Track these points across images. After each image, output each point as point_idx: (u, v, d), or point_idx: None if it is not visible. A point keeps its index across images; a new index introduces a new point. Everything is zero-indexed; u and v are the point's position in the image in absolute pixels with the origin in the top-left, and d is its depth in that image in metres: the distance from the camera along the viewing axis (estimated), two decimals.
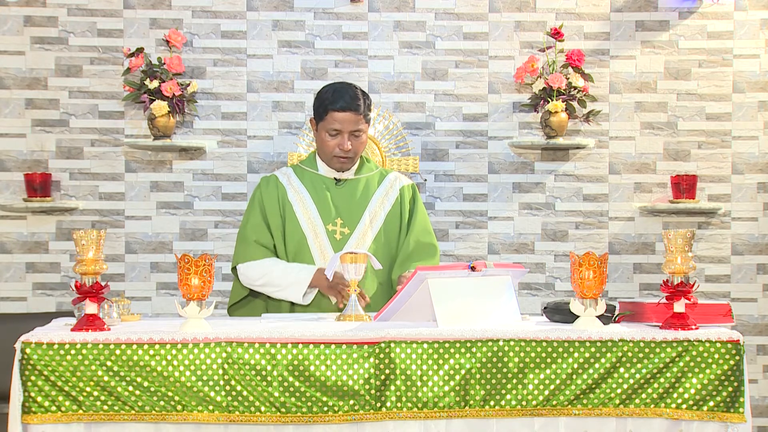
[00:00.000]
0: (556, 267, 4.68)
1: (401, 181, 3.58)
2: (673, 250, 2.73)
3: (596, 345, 2.63)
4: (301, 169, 3.54)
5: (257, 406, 2.57)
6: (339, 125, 3.35)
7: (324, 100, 3.39)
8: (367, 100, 3.42)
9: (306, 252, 3.40)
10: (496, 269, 2.89)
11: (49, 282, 4.60)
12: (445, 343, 2.62)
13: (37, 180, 4.48)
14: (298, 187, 3.48)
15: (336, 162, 3.43)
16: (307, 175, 3.51)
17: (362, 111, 3.37)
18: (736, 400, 2.61)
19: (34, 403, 2.54)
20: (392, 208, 3.50)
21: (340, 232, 3.41)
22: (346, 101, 3.34)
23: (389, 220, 3.48)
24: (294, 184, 3.49)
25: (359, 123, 3.37)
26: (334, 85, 3.45)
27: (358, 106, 3.36)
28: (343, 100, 3.35)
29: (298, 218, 3.42)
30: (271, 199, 3.46)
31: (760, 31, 4.67)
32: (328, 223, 3.41)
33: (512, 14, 4.67)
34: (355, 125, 3.37)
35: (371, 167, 3.58)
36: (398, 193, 3.53)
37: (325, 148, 3.42)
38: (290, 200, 3.45)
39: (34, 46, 4.59)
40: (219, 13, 4.64)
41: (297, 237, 3.42)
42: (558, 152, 4.69)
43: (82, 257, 2.67)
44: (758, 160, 4.68)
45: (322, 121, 3.40)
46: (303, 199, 3.45)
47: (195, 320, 2.65)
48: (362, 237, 3.43)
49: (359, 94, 3.39)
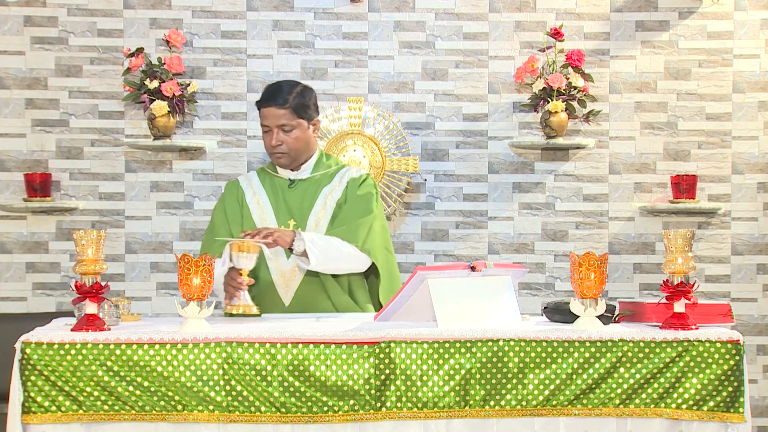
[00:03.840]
0: (556, 267, 4.68)
1: (351, 174, 3.43)
2: (673, 250, 2.73)
3: (596, 345, 2.63)
4: (263, 172, 3.48)
5: (257, 406, 2.57)
6: (266, 121, 3.29)
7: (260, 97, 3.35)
8: (301, 97, 3.30)
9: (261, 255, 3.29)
10: (496, 269, 2.89)
11: (49, 282, 4.60)
12: (445, 343, 2.62)
13: (37, 180, 4.48)
14: (257, 190, 3.43)
15: (274, 159, 3.36)
16: (268, 178, 3.45)
17: (288, 105, 3.26)
18: (736, 400, 2.61)
19: (34, 403, 2.54)
20: (338, 200, 3.37)
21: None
22: (270, 96, 3.28)
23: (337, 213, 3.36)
24: (254, 188, 3.43)
25: (285, 117, 3.27)
26: (273, 82, 3.39)
27: (284, 101, 3.26)
28: (268, 95, 3.28)
29: (254, 220, 3.37)
30: (231, 203, 3.42)
31: (760, 31, 4.67)
32: (281, 224, 3.35)
33: (512, 14, 4.68)
34: (281, 120, 3.27)
35: (329, 164, 3.47)
36: (345, 186, 3.40)
37: (265, 146, 3.37)
38: (248, 203, 3.40)
39: (34, 46, 4.59)
40: (219, 13, 4.64)
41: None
42: (558, 152, 4.69)
43: (82, 257, 2.67)
44: (758, 160, 4.68)
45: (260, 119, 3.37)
46: (260, 201, 3.40)
47: (195, 320, 2.65)
48: None
49: (291, 90, 3.29)
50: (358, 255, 3.27)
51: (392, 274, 3.42)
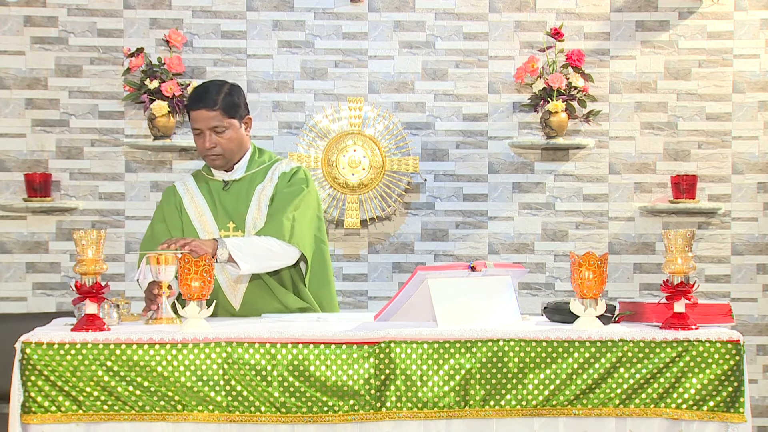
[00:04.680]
0: (556, 267, 4.68)
1: (281, 168, 3.35)
2: (673, 250, 2.73)
3: (596, 345, 2.63)
4: (199, 175, 3.41)
5: (257, 406, 2.57)
6: (197, 124, 3.21)
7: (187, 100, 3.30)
8: (230, 96, 3.23)
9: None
10: (496, 269, 2.89)
11: (49, 282, 4.60)
12: (445, 343, 2.62)
13: (37, 180, 4.48)
14: (194, 194, 3.35)
15: (208, 161, 3.29)
16: (204, 181, 3.37)
17: (217, 106, 3.19)
18: (736, 400, 2.61)
19: (34, 403, 2.54)
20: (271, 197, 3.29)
21: (232, 236, 3.25)
22: (198, 98, 3.20)
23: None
24: (191, 192, 3.36)
25: (216, 119, 3.19)
26: (200, 84, 3.32)
27: (213, 102, 3.19)
28: (197, 98, 3.21)
29: (194, 225, 3.30)
30: (170, 210, 3.35)
31: (760, 31, 4.67)
32: (222, 228, 3.28)
33: (512, 14, 4.68)
34: (213, 122, 3.19)
35: (262, 161, 3.39)
36: (277, 181, 3.32)
37: (198, 150, 3.31)
38: (185, 207, 3.33)
39: (34, 46, 4.59)
40: (219, 13, 4.64)
41: None
42: (558, 152, 4.69)
43: (82, 257, 2.67)
44: (758, 160, 4.68)
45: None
46: (198, 206, 3.32)
47: (195, 320, 2.65)
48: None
49: (219, 90, 3.23)
50: (286, 250, 3.17)
51: (323, 263, 3.35)
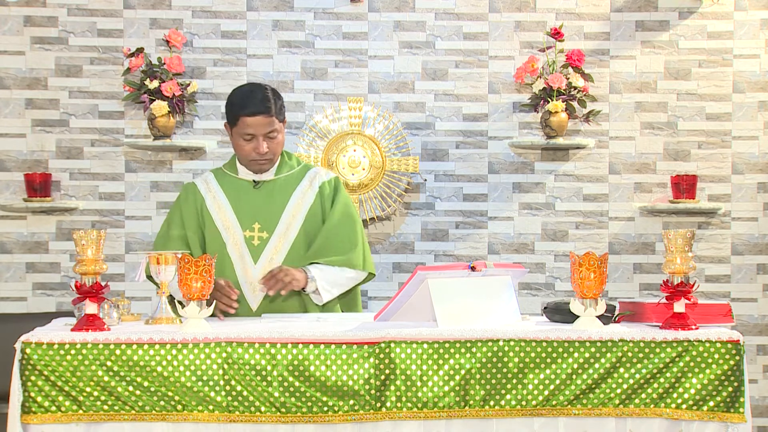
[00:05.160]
0: (556, 267, 4.68)
1: (321, 177, 3.40)
2: (673, 250, 2.73)
3: (596, 345, 2.63)
4: (221, 174, 3.41)
5: (257, 406, 2.57)
6: (252, 129, 3.22)
7: (234, 105, 3.25)
8: (278, 100, 3.28)
9: (226, 260, 3.28)
10: (496, 269, 2.89)
11: (49, 282, 4.60)
12: (445, 343, 2.62)
13: (37, 180, 4.48)
14: (216, 193, 3.36)
15: (254, 165, 3.30)
16: (227, 180, 3.38)
17: (273, 112, 3.23)
18: (736, 400, 2.61)
19: (34, 403, 2.54)
20: (311, 207, 3.34)
21: (258, 237, 3.29)
22: (256, 105, 3.21)
23: (309, 219, 3.33)
24: (213, 191, 3.37)
25: (272, 125, 3.24)
26: (243, 88, 3.31)
27: (269, 108, 3.22)
28: (253, 104, 3.21)
29: (216, 226, 3.31)
30: (189, 208, 3.36)
31: (760, 31, 4.67)
32: (246, 228, 3.30)
33: (512, 14, 4.68)
34: (269, 127, 3.23)
35: (292, 165, 3.43)
36: (318, 190, 3.37)
37: (241, 153, 3.29)
38: (208, 208, 3.34)
39: (34, 46, 4.59)
40: (219, 13, 4.64)
41: (217, 245, 3.30)
42: (558, 152, 4.69)
43: (82, 257, 2.67)
44: (758, 160, 4.68)
45: (235, 127, 3.26)
46: (221, 205, 3.34)
47: (195, 320, 2.65)
48: (280, 240, 3.30)
49: (269, 95, 3.25)
50: (361, 274, 3.36)
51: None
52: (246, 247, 3.29)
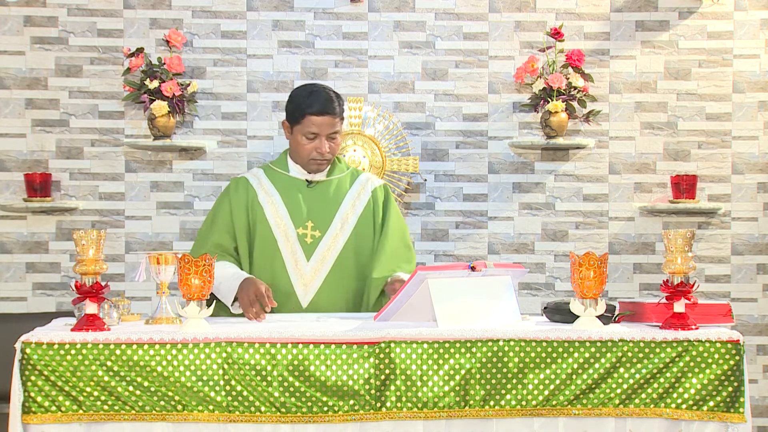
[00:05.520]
0: (556, 267, 4.68)
1: (373, 183, 3.51)
2: (673, 250, 2.73)
3: (596, 345, 2.63)
4: (272, 171, 3.46)
5: (257, 406, 2.57)
6: (317, 129, 3.30)
7: (300, 103, 3.32)
8: (341, 101, 3.36)
9: (277, 256, 3.33)
10: (496, 269, 2.89)
11: (49, 282, 4.60)
12: (445, 343, 2.62)
13: (37, 180, 4.48)
14: (269, 189, 3.41)
15: (313, 164, 3.37)
16: (278, 177, 3.43)
17: (338, 114, 3.32)
18: (736, 400, 2.61)
19: (34, 403, 2.54)
20: (364, 210, 3.43)
21: (311, 235, 3.35)
22: (323, 105, 3.29)
23: (361, 222, 3.41)
24: (265, 186, 3.42)
25: (336, 126, 3.33)
26: (307, 87, 3.38)
27: (335, 109, 3.30)
28: (320, 103, 3.29)
29: (268, 221, 3.36)
30: (239, 202, 3.39)
31: (760, 31, 4.67)
32: (299, 226, 3.35)
33: (512, 14, 4.68)
34: (332, 128, 3.32)
35: (342, 168, 3.51)
36: (370, 194, 3.46)
37: (301, 151, 3.35)
38: (261, 203, 3.38)
39: (34, 46, 4.59)
40: (219, 13, 4.64)
41: (268, 241, 3.35)
42: (558, 152, 4.69)
43: (82, 257, 2.67)
44: (758, 160, 4.68)
45: (298, 125, 3.33)
46: (274, 201, 3.38)
47: (195, 320, 2.65)
48: (334, 240, 3.36)
49: (334, 97, 3.33)
50: None
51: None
52: (299, 244, 3.35)
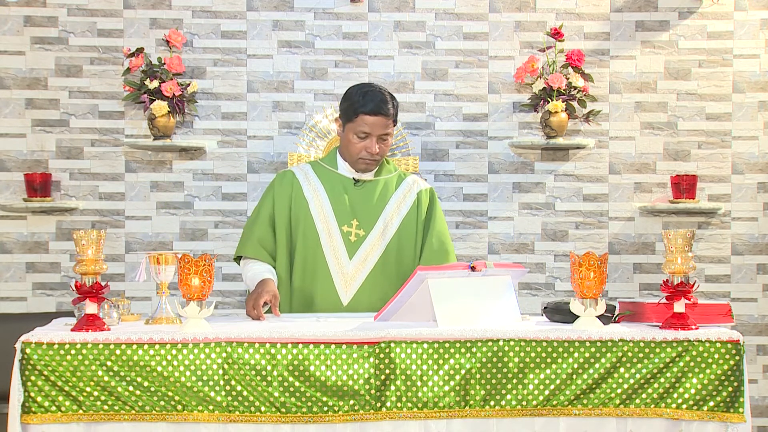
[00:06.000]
0: (556, 267, 4.68)
1: (419, 186, 3.52)
2: (673, 250, 2.73)
3: (596, 345, 2.63)
4: (319, 167, 3.49)
5: (257, 406, 2.57)
6: (369, 128, 3.31)
7: (354, 102, 3.33)
8: (395, 104, 3.38)
9: (319, 252, 3.35)
10: (496, 269, 2.89)
11: (49, 282, 4.60)
12: (445, 343, 2.62)
13: (37, 180, 4.48)
14: (315, 184, 3.44)
15: (361, 163, 3.39)
16: (326, 173, 3.46)
17: (392, 115, 3.34)
18: (736, 400, 2.61)
19: (34, 403, 2.54)
20: (408, 212, 3.45)
21: (355, 234, 3.37)
22: (378, 105, 3.30)
23: (405, 224, 3.43)
24: (311, 181, 3.44)
25: (388, 127, 3.34)
26: (363, 86, 3.39)
27: (388, 110, 3.32)
28: (374, 103, 3.30)
29: (312, 216, 3.38)
30: (283, 195, 3.42)
31: (760, 31, 4.67)
32: (343, 224, 3.37)
33: (512, 14, 4.68)
34: (384, 129, 3.33)
35: (390, 169, 3.53)
36: (415, 197, 3.48)
37: (351, 149, 3.37)
38: (306, 197, 3.41)
39: (34, 46, 4.59)
40: (219, 13, 4.64)
41: (311, 236, 3.37)
42: (558, 152, 4.69)
43: (82, 257, 2.67)
44: (758, 160, 4.68)
45: (350, 123, 3.34)
46: (319, 196, 3.41)
47: (195, 320, 2.65)
48: (377, 240, 3.38)
49: (388, 98, 3.35)
50: None
51: None
52: (342, 241, 3.37)
